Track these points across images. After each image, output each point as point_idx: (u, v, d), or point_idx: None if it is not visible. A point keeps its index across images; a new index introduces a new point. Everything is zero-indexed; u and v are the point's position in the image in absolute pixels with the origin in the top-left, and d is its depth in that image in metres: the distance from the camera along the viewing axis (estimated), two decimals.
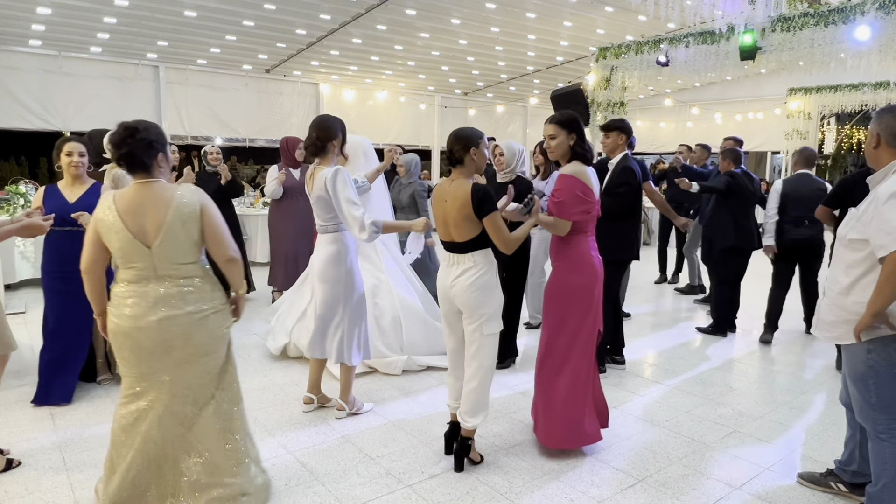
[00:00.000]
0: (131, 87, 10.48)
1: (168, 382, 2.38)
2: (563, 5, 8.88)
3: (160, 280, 2.32)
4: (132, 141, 2.28)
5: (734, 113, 14.48)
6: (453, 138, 2.85)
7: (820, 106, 12.73)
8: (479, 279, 2.81)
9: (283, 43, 10.08)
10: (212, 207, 2.38)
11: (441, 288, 2.94)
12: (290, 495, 2.71)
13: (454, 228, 2.82)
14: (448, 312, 2.97)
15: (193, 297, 2.35)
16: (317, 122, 3.31)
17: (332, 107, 12.74)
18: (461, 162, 2.82)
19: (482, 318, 2.83)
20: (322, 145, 3.27)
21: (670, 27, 9.22)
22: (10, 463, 2.88)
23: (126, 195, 2.33)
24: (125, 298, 2.33)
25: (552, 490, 2.80)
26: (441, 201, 2.86)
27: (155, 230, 2.28)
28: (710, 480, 2.90)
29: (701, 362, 4.73)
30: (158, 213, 2.28)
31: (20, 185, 7.86)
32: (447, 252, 2.93)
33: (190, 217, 2.31)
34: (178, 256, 2.32)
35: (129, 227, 2.28)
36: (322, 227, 3.37)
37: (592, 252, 3.08)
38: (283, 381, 4.13)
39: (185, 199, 2.32)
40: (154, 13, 8.23)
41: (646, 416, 3.66)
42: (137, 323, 2.30)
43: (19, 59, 9.43)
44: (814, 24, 6.82)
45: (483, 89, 14.77)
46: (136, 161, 2.30)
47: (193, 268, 2.37)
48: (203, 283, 2.40)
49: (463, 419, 2.92)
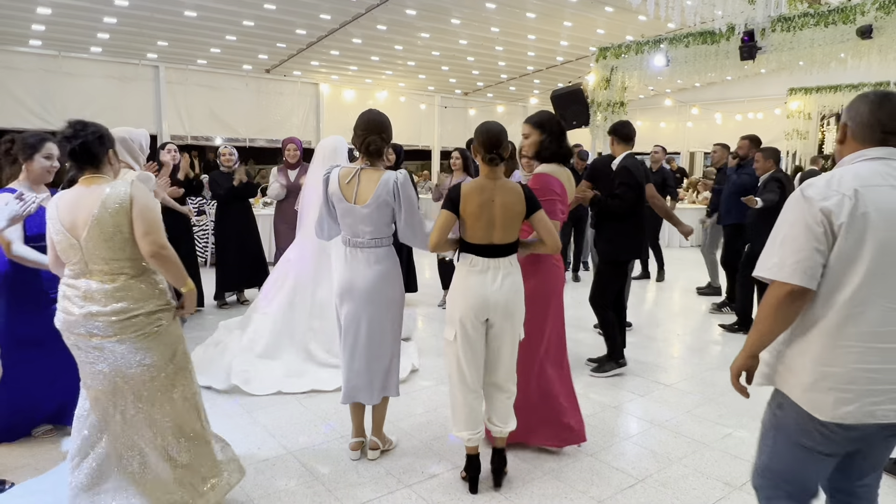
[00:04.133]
0: (131, 87, 10.49)
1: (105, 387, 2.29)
2: (563, 5, 8.89)
3: (91, 275, 2.26)
4: (84, 133, 2.26)
5: (734, 113, 14.48)
6: (497, 135, 2.64)
7: (820, 106, 12.73)
8: (520, 284, 2.71)
9: (284, 43, 10.09)
10: (144, 199, 2.25)
11: (476, 298, 2.61)
12: (291, 495, 2.71)
13: (501, 230, 2.62)
14: (477, 323, 2.65)
15: (121, 296, 2.24)
16: (376, 121, 2.88)
17: (332, 107, 12.76)
18: (503, 159, 2.67)
19: (520, 323, 2.73)
20: (386, 147, 2.89)
21: (670, 27, 9.22)
22: (3, 484, 2.71)
23: (68, 192, 2.31)
24: (62, 293, 2.31)
25: (552, 490, 2.80)
26: (485, 201, 2.61)
27: (83, 224, 2.21)
28: (710, 480, 2.90)
29: (701, 362, 4.73)
30: (89, 207, 2.22)
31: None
32: (478, 257, 2.64)
33: (118, 210, 2.21)
34: (107, 252, 2.23)
35: (64, 221, 2.24)
36: (374, 240, 2.85)
37: (553, 258, 3.02)
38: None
39: (113, 191, 2.23)
40: (154, 13, 8.24)
41: (646, 416, 3.66)
42: (67, 318, 2.28)
43: (20, 59, 9.43)
44: (814, 24, 6.82)
45: (483, 89, 14.78)
46: (89, 153, 2.27)
47: (124, 265, 2.26)
48: (136, 282, 2.28)
49: (500, 427, 2.76)
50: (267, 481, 2.82)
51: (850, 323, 1.63)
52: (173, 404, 2.36)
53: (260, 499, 2.66)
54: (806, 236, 1.63)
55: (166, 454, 2.35)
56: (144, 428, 2.32)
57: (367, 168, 2.84)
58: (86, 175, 2.30)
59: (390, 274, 2.90)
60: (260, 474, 2.87)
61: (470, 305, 2.63)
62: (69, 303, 2.27)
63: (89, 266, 2.25)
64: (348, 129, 3.10)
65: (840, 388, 1.63)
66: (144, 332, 2.27)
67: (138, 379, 2.28)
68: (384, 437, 3.13)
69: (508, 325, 2.68)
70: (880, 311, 1.61)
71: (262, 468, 2.94)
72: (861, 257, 1.60)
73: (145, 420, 2.32)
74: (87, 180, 2.29)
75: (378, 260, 2.86)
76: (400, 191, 2.78)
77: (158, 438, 2.34)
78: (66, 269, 2.32)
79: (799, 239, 1.64)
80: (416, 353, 4.62)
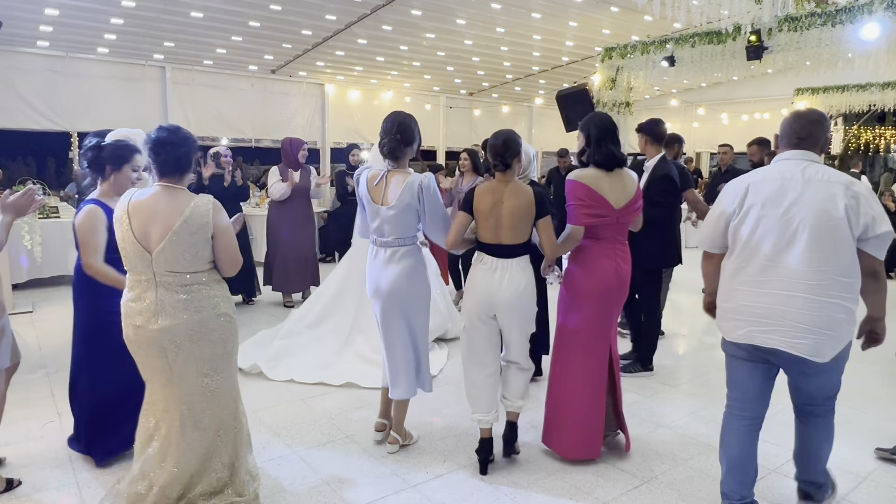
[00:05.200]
0: (138, 87, 10.52)
1: (174, 393, 2.37)
2: (568, 6, 8.87)
3: (158, 287, 2.30)
4: (186, 143, 2.33)
5: (740, 113, 14.41)
6: (504, 143, 2.79)
7: (827, 106, 12.66)
8: (529, 284, 2.83)
9: (289, 44, 10.10)
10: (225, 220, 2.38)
11: (482, 293, 2.81)
12: (296, 495, 2.72)
13: (509, 231, 2.77)
14: (485, 317, 2.85)
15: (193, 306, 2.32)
16: (397, 122, 2.92)
17: (338, 107, 12.76)
18: (510, 166, 2.81)
19: (530, 321, 2.90)
20: (405, 147, 2.94)
21: (676, 27, 9.19)
22: (11, 483, 2.74)
23: (143, 198, 2.32)
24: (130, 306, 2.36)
25: (557, 491, 2.79)
26: (494, 202, 2.77)
27: (160, 236, 2.26)
28: (716, 483, 2.87)
29: (707, 364, 4.71)
30: (169, 220, 2.26)
31: (28, 185, 7.90)
32: (489, 256, 2.82)
33: (201, 227, 2.29)
34: (179, 265, 2.29)
35: (135, 231, 2.28)
36: (398, 240, 2.94)
37: (604, 260, 2.93)
38: (288, 381, 4.13)
39: (199, 209, 2.30)
40: (160, 14, 8.26)
41: (651, 417, 3.65)
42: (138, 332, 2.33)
43: (27, 60, 9.48)
44: (821, 23, 6.77)
45: (488, 90, 14.76)
46: (182, 164, 2.34)
47: (195, 276, 2.34)
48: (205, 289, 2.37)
49: (514, 403, 2.97)
50: (272, 481, 2.83)
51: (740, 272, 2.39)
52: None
53: (265, 498, 2.66)
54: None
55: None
56: None
57: (394, 170, 2.93)
58: (162, 183, 2.35)
59: (414, 272, 2.97)
60: (265, 475, 2.87)
61: (477, 301, 2.83)
62: (140, 317, 2.38)
63: (157, 278, 2.34)
64: (353, 129, 3.14)
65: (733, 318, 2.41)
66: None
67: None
68: (405, 433, 3.20)
69: (516, 321, 2.85)
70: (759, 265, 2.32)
71: (268, 468, 2.94)
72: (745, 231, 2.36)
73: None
74: (165, 189, 2.34)
75: (402, 258, 2.94)
76: (424, 193, 2.86)
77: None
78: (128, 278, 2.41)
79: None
80: (445, 356, 4.65)
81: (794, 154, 2.37)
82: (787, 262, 2.25)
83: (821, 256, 2.21)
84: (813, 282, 2.21)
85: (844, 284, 2.22)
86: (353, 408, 3.71)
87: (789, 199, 2.26)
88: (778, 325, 2.27)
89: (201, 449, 2.40)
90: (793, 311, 2.24)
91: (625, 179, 2.95)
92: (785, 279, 2.25)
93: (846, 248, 2.21)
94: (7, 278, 5.63)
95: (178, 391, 2.35)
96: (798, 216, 2.23)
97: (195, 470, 2.39)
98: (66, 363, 4.35)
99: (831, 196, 2.21)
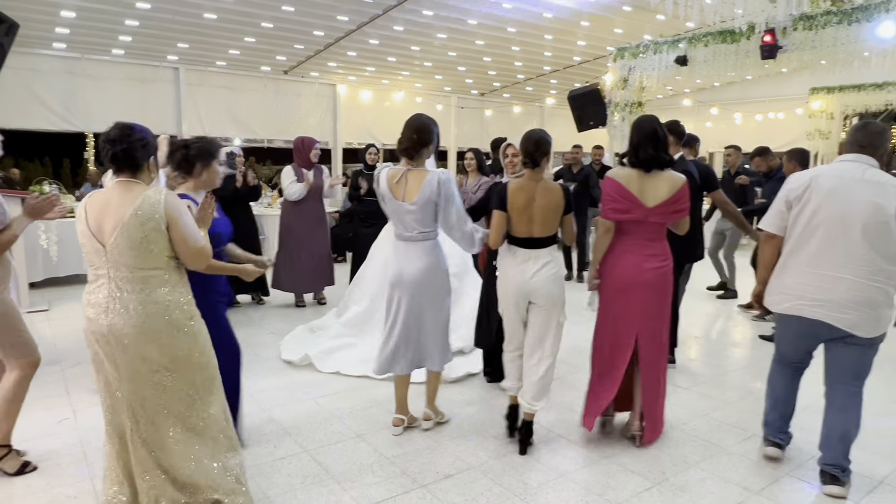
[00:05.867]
0: (152, 88, 10.63)
1: (124, 395, 2.28)
2: (580, 5, 8.84)
3: (111, 281, 2.24)
4: (129, 140, 2.26)
5: (754, 113, 14.27)
6: (535, 143, 3.04)
7: (843, 105, 12.49)
8: (558, 272, 3.11)
9: (301, 44, 10.15)
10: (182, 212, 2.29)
11: (515, 282, 3.08)
12: (306, 493, 2.73)
13: (540, 225, 3.06)
14: (518, 303, 3.12)
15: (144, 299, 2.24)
16: (416, 123, 3.13)
17: (349, 108, 12.80)
18: (539, 164, 3.06)
19: (559, 307, 3.11)
20: (420, 148, 3.11)
21: (689, 26, 9.12)
22: (25, 466, 2.83)
23: (99, 193, 2.31)
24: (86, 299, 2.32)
25: (567, 492, 2.78)
26: (528, 200, 3.04)
27: (111, 229, 2.21)
28: (728, 485, 2.87)
29: (719, 365, 4.67)
30: (120, 212, 2.20)
31: (44, 185, 8.00)
32: (521, 248, 3.09)
33: (150, 219, 2.21)
34: (131, 259, 2.21)
35: (91, 224, 2.24)
36: (421, 234, 3.14)
37: (627, 255, 3.11)
38: (299, 379, 4.16)
39: (148, 200, 2.23)
40: (175, 16, 8.34)
41: None
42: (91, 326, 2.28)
43: (44, 62, 9.60)
44: (837, 22, 6.69)
45: (500, 90, 14.74)
46: (130, 159, 2.27)
47: (150, 273, 2.26)
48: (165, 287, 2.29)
49: (530, 404, 3.12)
50: (283, 479, 2.84)
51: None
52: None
53: (276, 497, 2.68)
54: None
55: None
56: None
57: (414, 169, 3.12)
58: (120, 178, 2.30)
59: (436, 265, 3.20)
60: (276, 472, 2.89)
61: (511, 291, 3.12)
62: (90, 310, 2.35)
63: (111, 273, 2.28)
64: (365, 129, 3.25)
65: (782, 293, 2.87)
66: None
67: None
68: (437, 410, 3.45)
69: (546, 309, 3.08)
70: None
71: (279, 466, 2.96)
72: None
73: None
74: (120, 184, 2.29)
75: (426, 252, 3.17)
76: (442, 189, 3.05)
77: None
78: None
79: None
80: (476, 358, 4.48)
81: (856, 157, 2.76)
82: (839, 249, 2.66)
83: (869, 247, 2.61)
84: (860, 267, 2.63)
85: (887, 272, 2.64)
86: (364, 407, 3.72)
87: (847, 195, 2.66)
88: (825, 301, 2.69)
89: (165, 446, 2.29)
90: (840, 290, 2.66)
91: (665, 181, 3.08)
92: (835, 263, 2.67)
93: (892, 241, 2.61)
94: (24, 277, 5.70)
95: (128, 387, 2.26)
96: (853, 210, 2.62)
97: (168, 466, 2.29)
98: (80, 360, 4.43)
99: (884, 196, 2.61)
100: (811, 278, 2.73)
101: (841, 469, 2.78)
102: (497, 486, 2.80)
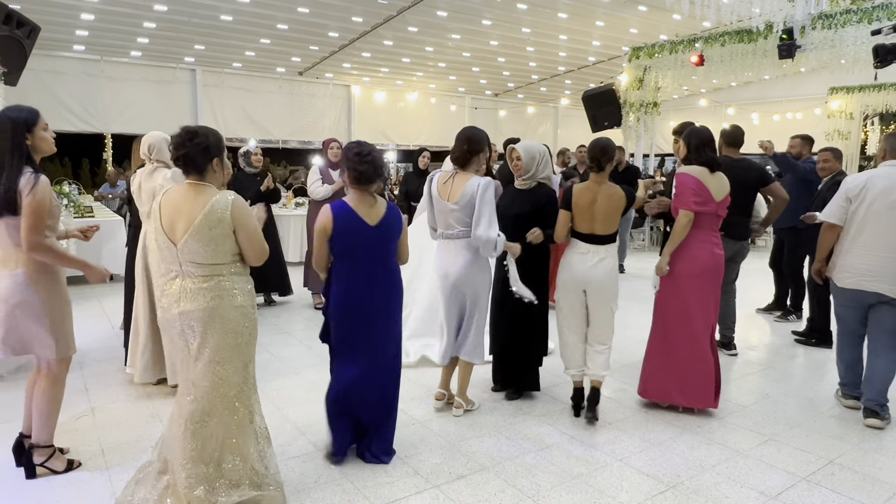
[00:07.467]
0: (169, 90, 10.77)
1: (197, 378, 2.44)
2: (595, 5, 8.80)
3: (183, 275, 2.42)
4: (190, 144, 2.39)
5: (772, 113, 14.10)
6: (601, 149, 3.43)
7: (863, 105, 12.31)
8: (615, 266, 3.49)
9: (316, 46, 10.22)
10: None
11: (575, 272, 3.46)
12: (320, 492, 2.75)
13: (602, 223, 3.43)
14: (576, 293, 3.50)
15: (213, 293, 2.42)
16: (468, 135, 3.48)
17: (364, 108, 12.86)
18: (603, 168, 3.44)
19: (614, 297, 3.49)
20: (471, 157, 3.45)
21: (706, 26, 9.05)
22: (71, 463, 2.90)
23: (171, 193, 2.47)
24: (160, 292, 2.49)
25: (580, 494, 2.77)
26: (590, 200, 3.43)
27: (183, 231, 2.38)
28: (744, 489, 2.84)
29: (734, 368, 4.62)
30: (191, 215, 2.37)
31: (63, 186, 8.13)
32: (582, 243, 3.47)
33: (218, 223, 2.37)
34: (201, 257, 2.39)
35: (164, 224, 2.40)
36: (461, 231, 3.43)
37: (701, 244, 3.54)
38: (314, 378, 4.18)
39: (217, 206, 2.38)
40: (192, 18, 8.44)
41: (677, 421, 3.59)
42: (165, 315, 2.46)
43: (64, 64, 9.77)
44: (856, 21, 6.60)
45: (514, 90, 14.72)
46: (192, 163, 2.42)
47: (217, 268, 2.43)
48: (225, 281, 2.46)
49: (597, 374, 3.53)
50: (297, 478, 2.86)
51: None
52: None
53: (289, 495, 2.70)
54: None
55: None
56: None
57: (461, 172, 3.47)
58: (189, 180, 2.45)
59: (478, 261, 3.46)
60: (290, 472, 2.91)
61: (569, 278, 3.49)
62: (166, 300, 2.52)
63: (183, 269, 2.43)
64: (379, 130, 3.32)
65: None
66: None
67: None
68: (467, 399, 3.70)
69: (601, 297, 3.45)
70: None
71: (293, 465, 2.98)
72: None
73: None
74: (189, 186, 2.44)
75: (467, 248, 3.42)
76: (479, 190, 3.33)
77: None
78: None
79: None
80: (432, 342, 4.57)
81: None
82: (891, 236, 3.44)
83: None
84: None
85: None
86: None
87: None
88: (882, 276, 3.46)
89: (206, 433, 2.44)
90: (892, 267, 3.45)
91: (722, 179, 3.59)
92: (889, 246, 3.44)
93: None
94: None
95: (193, 374, 2.44)
96: None
97: (209, 455, 2.43)
98: (98, 359, 4.49)
99: None
100: (869, 259, 3.49)
101: (880, 405, 3.50)
102: (510, 488, 2.80)
